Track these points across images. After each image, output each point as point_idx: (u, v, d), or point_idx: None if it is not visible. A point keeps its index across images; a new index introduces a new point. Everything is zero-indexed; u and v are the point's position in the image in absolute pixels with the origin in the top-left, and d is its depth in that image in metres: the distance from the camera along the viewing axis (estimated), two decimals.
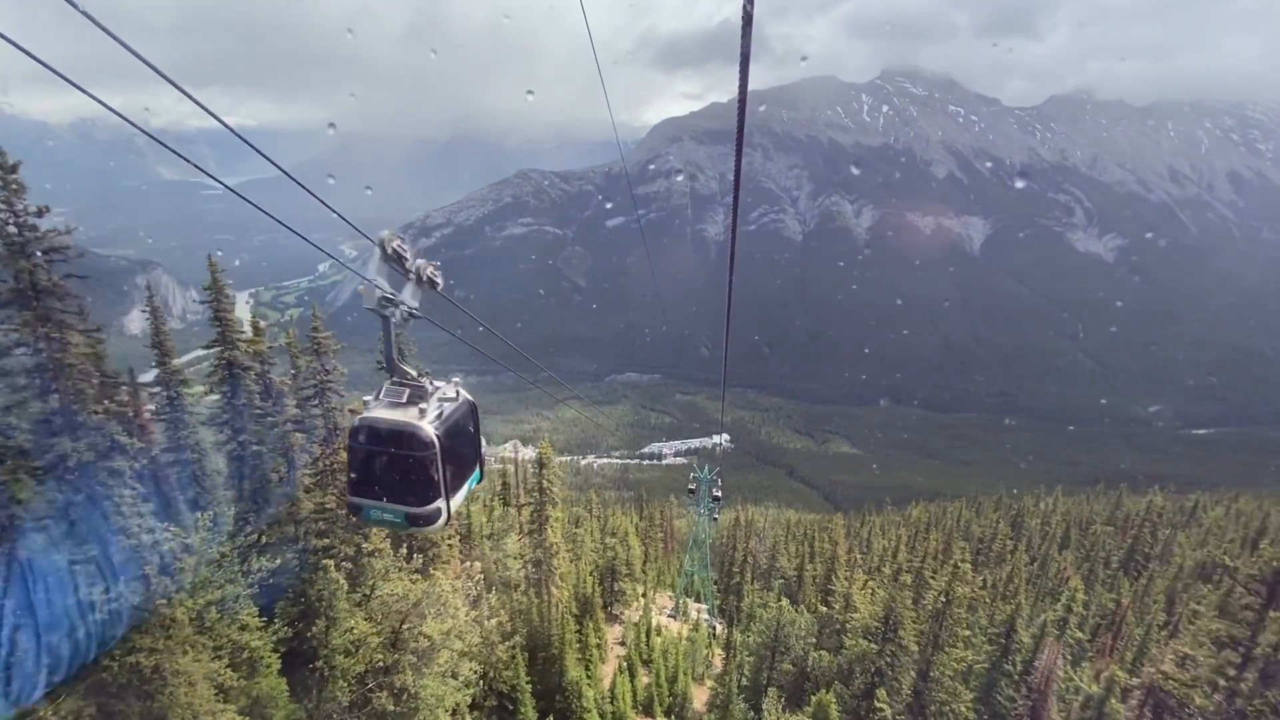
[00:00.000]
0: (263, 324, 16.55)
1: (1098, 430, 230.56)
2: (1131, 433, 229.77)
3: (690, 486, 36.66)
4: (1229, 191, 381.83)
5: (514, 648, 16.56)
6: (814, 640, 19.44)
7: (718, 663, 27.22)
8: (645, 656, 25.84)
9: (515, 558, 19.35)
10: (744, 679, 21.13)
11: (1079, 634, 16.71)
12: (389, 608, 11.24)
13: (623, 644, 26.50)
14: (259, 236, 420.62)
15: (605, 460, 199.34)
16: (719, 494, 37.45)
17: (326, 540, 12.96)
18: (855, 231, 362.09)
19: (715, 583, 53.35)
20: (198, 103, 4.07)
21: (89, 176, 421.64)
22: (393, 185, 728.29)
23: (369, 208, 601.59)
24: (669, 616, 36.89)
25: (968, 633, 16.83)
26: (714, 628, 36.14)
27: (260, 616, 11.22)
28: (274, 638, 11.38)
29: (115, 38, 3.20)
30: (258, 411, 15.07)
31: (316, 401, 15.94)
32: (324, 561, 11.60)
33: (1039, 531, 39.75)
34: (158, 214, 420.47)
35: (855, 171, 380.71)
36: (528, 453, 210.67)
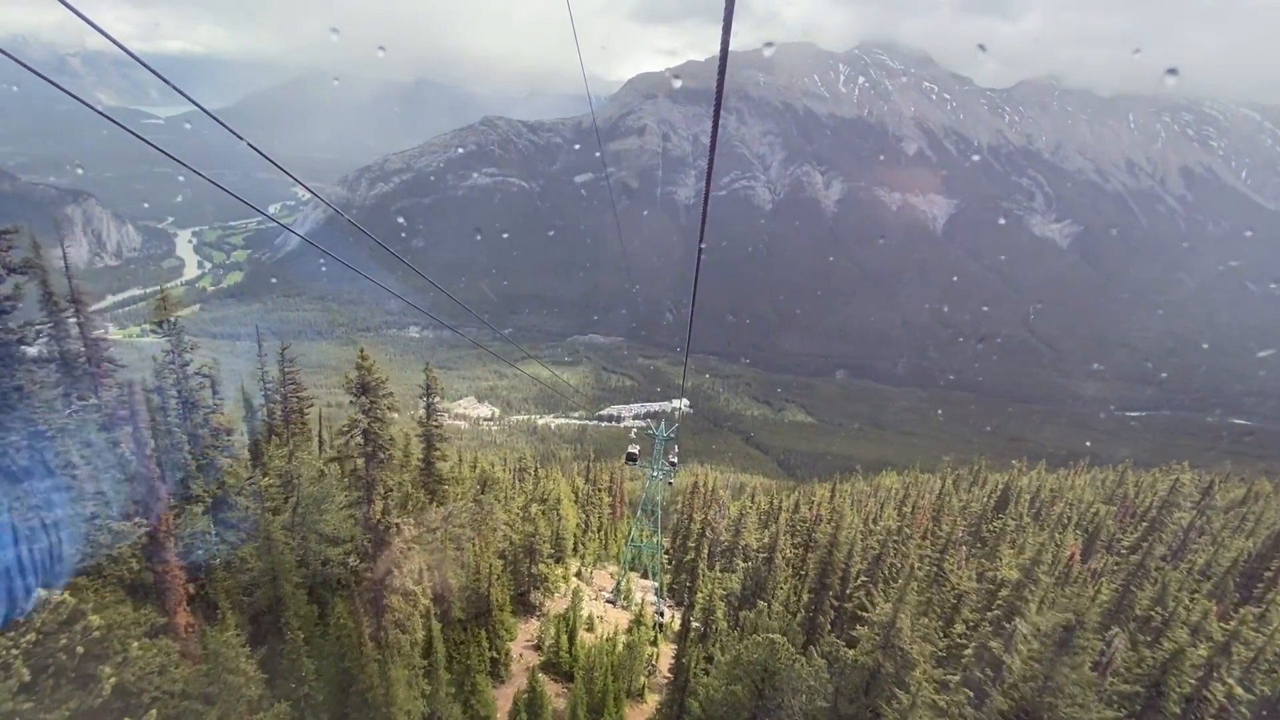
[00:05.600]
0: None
1: (1040, 408, 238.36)
2: (1071, 411, 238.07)
3: (631, 450, 30.34)
4: (1180, 186, 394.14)
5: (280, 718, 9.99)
6: (828, 703, 13.44)
7: (665, 663, 22.04)
8: (565, 668, 20.15)
9: (336, 545, 12.23)
10: (699, 707, 15.55)
11: (1239, 691, 11.78)
12: None
13: (538, 648, 20.71)
14: (204, 172, 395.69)
15: (564, 420, 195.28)
16: (675, 459, 31.93)
17: None
18: (824, 203, 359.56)
19: (667, 552, 48.14)
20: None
21: (20, 99, 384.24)
22: (352, 125, 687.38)
23: (327, 148, 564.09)
24: (608, 601, 31.52)
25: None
26: (661, 614, 31.04)
27: None
28: None
29: None
30: None
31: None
32: None
33: (1029, 509, 36.31)
34: (94, 142, 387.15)
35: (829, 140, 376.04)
36: (482, 411, 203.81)
